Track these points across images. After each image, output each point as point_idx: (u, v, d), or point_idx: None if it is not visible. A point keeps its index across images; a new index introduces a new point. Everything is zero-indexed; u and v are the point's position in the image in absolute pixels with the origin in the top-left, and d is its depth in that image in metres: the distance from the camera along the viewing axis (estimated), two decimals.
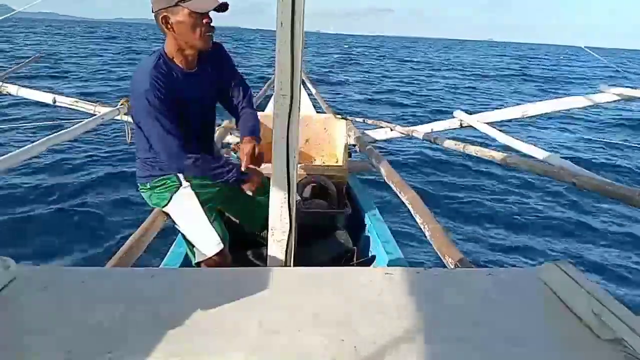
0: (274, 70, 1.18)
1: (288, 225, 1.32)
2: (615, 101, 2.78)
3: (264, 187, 1.76)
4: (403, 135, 3.77)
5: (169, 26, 1.57)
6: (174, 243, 2.12)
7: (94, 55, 23.12)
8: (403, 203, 1.96)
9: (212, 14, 1.60)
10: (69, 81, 13.75)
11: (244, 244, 2.14)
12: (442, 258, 1.44)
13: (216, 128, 2.53)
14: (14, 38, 32.72)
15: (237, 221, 2.11)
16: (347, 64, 27.33)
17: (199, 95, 1.73)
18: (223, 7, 1.59)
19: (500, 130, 2.95)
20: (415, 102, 13.48)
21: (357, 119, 4.50)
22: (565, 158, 2.29)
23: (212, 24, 1.61)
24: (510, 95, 16.45)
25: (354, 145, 3.41)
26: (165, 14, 1.56)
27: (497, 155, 2.37)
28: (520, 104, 3.30)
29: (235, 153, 3.35)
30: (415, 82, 18.85)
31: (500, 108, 3.44)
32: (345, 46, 57.07)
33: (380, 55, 39.45)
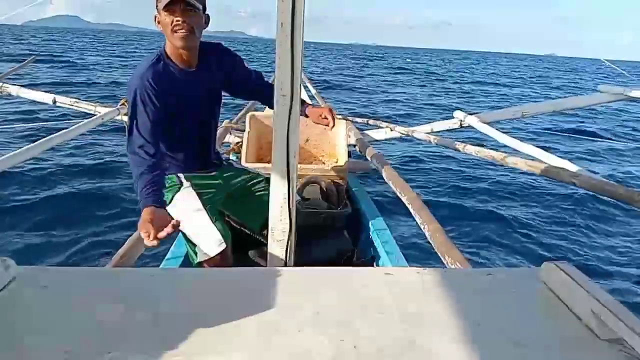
0: (274, 70, 1.19)
1: (288, 225, 1.32)
2: (614, 101, 2.78)
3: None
4: (403, 136, 3.77)
5: (159, 27, 1.63)
6: (174, 243, 2.13)
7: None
8: (403, 203, 1.96)
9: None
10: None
11: (244, 244, 2.14)
12: (442, 258, 1.44)
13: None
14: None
15: (237, 221, 2.11)
16: None
17: (197, 93, 1.73)
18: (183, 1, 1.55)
19: (500, 130, 2.96)
20: None
21: (357, 119, 4.50)
22: (565, 158, 2.29)
23: (185, 22, 1.56)
24: None
25: (354, 145, 3.42)
26: (156, 14, 1.62)
27: (497, 155, 2.37)
28: (521, 104, 3.30)
29: (235, 153, 3.36)
30: None
31: (500, 108, 3.44)
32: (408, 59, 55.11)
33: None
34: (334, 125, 1.84)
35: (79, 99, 3.80)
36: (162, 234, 1.30)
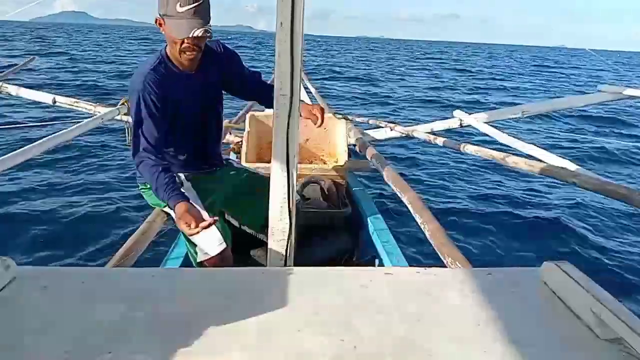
0: (274, 70, 1.18)
1: (288, 225, 1.32)
2: (614, 100, 2.78)
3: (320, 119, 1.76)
4: (403, 135, 3.77)
5: (163, 30, 1.60)
6: (175, 243, 2.12)
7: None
8: (403, 203, 1.95)
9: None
10: None
11: (244, 244, 2.14)
12: (442, 258, 1.44)
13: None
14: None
15: (238, 221, 2.11)
16: None
17: (197, 95, 1.74)
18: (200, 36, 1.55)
19: (500, 130, 2.96)
20: None
21: (357, 119, 4.50)
22: (566, 157, 2.29)
23: (194, 45, 1.57)
24: None
25: (354, 145, 3.41)
26: (157, 17, 1.59)
27: (497, 155, 2.37)
28: (521, 104, 3.30)
29: (235, 153, 3.36)
30: None
31: (500, 108, 3.45)
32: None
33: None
34: (321, 124, 1.79)
35: (79, 99, 3.79)
36: (204, 224, 1.45)
